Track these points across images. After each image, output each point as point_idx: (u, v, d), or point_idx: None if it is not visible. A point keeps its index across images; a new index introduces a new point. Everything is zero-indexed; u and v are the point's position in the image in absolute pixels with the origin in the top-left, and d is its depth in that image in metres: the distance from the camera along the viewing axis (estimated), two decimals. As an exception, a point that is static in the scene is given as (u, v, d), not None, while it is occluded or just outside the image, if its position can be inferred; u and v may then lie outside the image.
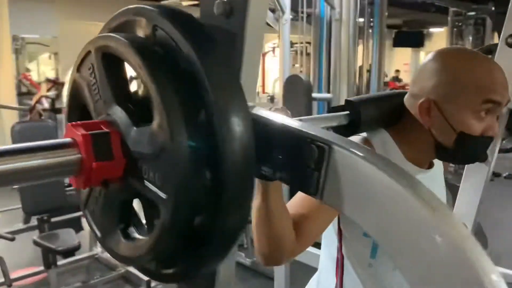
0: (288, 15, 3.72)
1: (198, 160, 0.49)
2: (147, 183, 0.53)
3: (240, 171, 0.50)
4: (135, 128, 0.53)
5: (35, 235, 2.95)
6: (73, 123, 0.53)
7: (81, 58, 0.59)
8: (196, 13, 0.58)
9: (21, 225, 3.16)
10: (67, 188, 3.16)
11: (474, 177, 1.43)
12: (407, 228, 0.44)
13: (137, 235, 0.58)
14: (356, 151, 0.48)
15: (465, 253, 0.40)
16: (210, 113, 0.49)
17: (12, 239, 2.82)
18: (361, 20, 4.22)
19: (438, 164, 1.09)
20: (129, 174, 0.54)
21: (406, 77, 12.67)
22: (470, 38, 5.96)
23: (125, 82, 0.57)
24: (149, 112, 0.50)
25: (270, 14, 3.83)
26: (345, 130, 0.93)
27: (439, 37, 12.19)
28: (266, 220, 0.82)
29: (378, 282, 1.01)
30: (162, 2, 5.40)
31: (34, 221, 3.26)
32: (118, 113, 0.55)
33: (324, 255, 1.12)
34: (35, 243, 2.82)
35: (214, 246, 0.54)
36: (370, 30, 4.15)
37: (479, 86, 0.89)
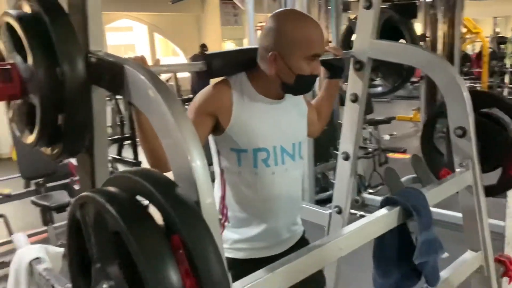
0: (251, -7, 4.07)
1: (52, 81, 0.90)
2: (31, 96, 0.93)
3: (75, 87, 0.90)
4: (24, 64, 0.93)
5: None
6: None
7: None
8: None
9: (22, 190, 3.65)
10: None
11: (350, 115, 1.81)
12: (160, 110, 0.84)
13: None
14: (140, 70, 0.87)
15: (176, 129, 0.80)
16: (57, 54, 0.89)
17: (9, 196, 3.34)
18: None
19: (295, 99, 1.47)
20: (24, 93, 0.95)
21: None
22: (442, 7, 6.28)
23: (20, 41, 0.96)
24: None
25: (236, -7, 4.19)
26: (205, 74, 1.33)
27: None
28: (143, 137, 1.19)
29: (247, 185, 1.40)
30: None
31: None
32: (17, 58, 0.96)
33: (215, 172, 1.52)
34: (33, 203, 3.29)
35: (68, 136, 0.95)
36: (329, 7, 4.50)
37: (307, 43, 1.29)
